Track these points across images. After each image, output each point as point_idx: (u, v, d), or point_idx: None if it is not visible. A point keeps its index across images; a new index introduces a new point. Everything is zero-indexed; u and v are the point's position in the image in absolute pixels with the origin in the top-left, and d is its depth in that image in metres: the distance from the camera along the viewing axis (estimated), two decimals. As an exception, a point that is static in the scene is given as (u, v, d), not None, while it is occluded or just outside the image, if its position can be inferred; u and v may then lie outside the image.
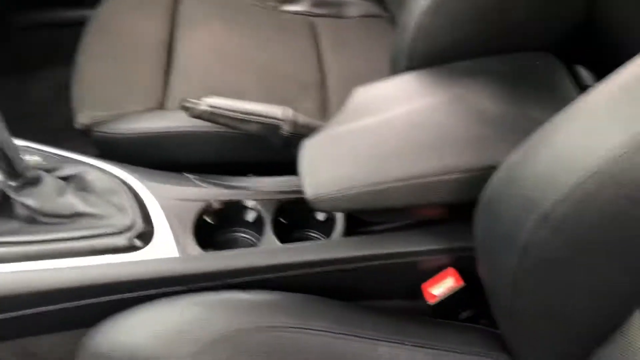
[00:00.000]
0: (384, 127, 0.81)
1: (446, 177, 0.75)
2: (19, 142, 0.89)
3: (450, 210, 0.82)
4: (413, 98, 0.85)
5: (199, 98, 0.89)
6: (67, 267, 0.79)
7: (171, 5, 1.22)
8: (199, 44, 1.15)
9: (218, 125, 0.91)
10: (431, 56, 0.91)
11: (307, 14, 1.31)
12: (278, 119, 0.89)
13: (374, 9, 1.34)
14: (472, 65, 0.88)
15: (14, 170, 0.79)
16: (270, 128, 0.89)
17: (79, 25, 1.17)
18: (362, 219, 0.88)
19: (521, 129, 0.66)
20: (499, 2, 0.87)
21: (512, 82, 0.85)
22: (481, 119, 0.79)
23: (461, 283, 0.82)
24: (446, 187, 0.75)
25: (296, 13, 1.31)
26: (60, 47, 1.16)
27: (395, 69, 0.95)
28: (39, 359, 0.86)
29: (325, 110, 1.10)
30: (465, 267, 0.82)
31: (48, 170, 0.85)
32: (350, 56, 1.22)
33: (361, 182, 0.75)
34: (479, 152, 0.76)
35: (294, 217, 0.92)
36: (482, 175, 0.69)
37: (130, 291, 0.80)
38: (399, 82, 0.89)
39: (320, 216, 0.92)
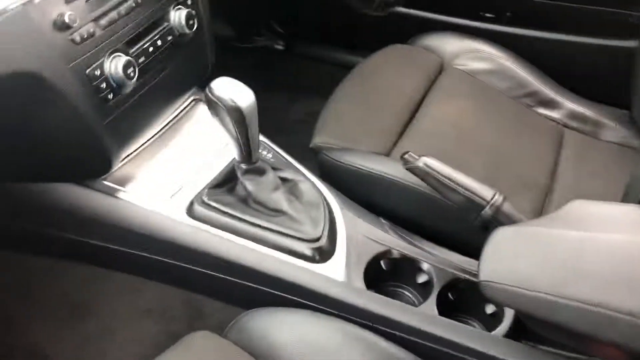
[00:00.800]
0: (591, 245, 0.76)
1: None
2: (263, 138, 1.05)
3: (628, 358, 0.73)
4: (635, 231, 0.79)
5: (420, 155, 0.94)
6: (252, 249, 0.89)
7: (433, 73, 1.31)
8: (442, 112, 1.21)
9: (426, 186, 0.95)
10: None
11: (560, 122, 1.30)
12: (485, 200, 0.89)
13: (631, 140, 1.26)
14: None
15: (249, 156, 0.92)
16: (473, 205, 0.90)
17: (346, 68, 1.33)
18: (529, 327, 0.83)
19: None
20: None
21: None
22: None
23: None
24: (635, 331, 0.68)
25: (549, 118, 1.30)
26: (323, 80, 1.32)
27: (627, 199, 0.89)
28: (201, 315, 0.98)
29: (540, 215, 1.06)
30: None
31: (274, 168, 0.97)
32: (588, 175, 1.16)
33: (542, 286, 0.71)
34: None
35: (462, 298, 0.91)
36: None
37: (292, 293, 0.87)
38: (626, 210, 0.83)
39: (489, 309, 0.89)
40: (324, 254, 0.91)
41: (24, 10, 0.72)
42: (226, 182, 0.96)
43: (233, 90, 0.84)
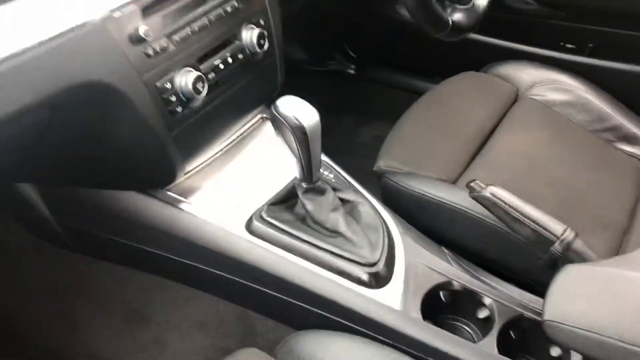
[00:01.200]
0: (669, 291, 0.70)
1: None
2: (325, 158, 1.05)
3: None
4: None
5: (487, 184, 0.91)
6: (307, 269, 0.88)
7: (507, 102, 1.27)
8: (514, 143, 1.17)
9: (492, 217, 0.91)
10: None
11: (644, 160, 1.22)
12: (555, 235, 0.84)
13: None
14: None
15: (310, 176, 0.92)
16: (542, 240, 0.85)
17: (416, 93, 1.31)
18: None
19: None
20: None
21: None
22: None
23: None
24: None
25: (630, 154, 1.23)
26: (392, 105, 1.31)
27: None
28: (253, 333, 0.97)
29: (616, 256, 1.00)
30: None
31: (334, 189, 0.96)
32: (672, 216, 1.08)
33: (609, 330, 0.66)
34: None
35: (525, 337, 0.86)
36: None
37: (344, 317, 0.85)
38: None
39: (554, 351, 0.84)
40: (380, 280, 0.88)
41: (103, 24, 0.75)
42: (286, 199, 0.96)
43: (298, 109, 0.84)
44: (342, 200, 0.96)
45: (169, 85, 0.84)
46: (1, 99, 0.66)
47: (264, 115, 1.11)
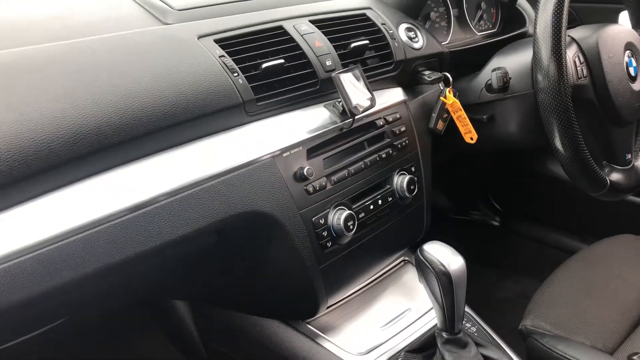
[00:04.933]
0: None
1: None
2: (468, 310, 1.01)
3: None
4: None
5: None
6: None
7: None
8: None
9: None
10: None
11: None
12: None
13: None
14: None
15: (452, 326, 0.88)
16: None
17: (564, 252, 1.24)
18: None
19: None
20: None
21: None
22: None
23: None
24: None
25: None
26: (539, 262, 1.24)
27: None
28: None
29: None
30: None
31: (477, 344, 0.91)
32: None
33: None
34: None
35: None
36: None
37: None
38: None
39: None
40: None
41: (272, 162, 0.84)
42: (424, 349, 0.92)
43: (444, 255, 0.84)
44: (485, 357, 0.90)
45: (322, 221, 0.88)
46: (180, 221, 0.74)
47: (407, 259, 1.12)
